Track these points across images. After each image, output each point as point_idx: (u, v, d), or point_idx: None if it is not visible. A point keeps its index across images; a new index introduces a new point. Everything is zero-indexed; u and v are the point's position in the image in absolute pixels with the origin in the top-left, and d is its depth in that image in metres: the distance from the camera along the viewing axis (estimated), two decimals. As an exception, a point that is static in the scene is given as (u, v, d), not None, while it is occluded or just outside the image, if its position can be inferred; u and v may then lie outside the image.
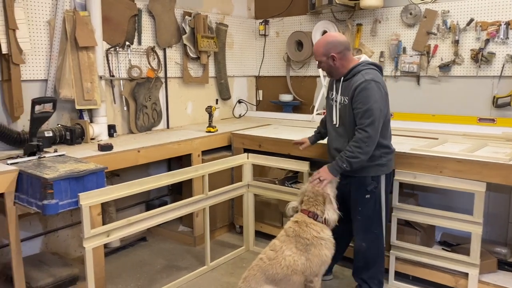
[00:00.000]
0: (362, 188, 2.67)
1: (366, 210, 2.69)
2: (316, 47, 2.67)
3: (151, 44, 3.94)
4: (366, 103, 2.48)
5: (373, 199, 2.68)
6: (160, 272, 3.28)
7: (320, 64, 2.68)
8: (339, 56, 2.59)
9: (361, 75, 2.54)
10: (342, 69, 2.63)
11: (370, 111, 2.48)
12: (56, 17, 3.20)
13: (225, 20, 4.61)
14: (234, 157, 3.53)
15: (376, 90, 2.51)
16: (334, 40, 2.62)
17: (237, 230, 4.03)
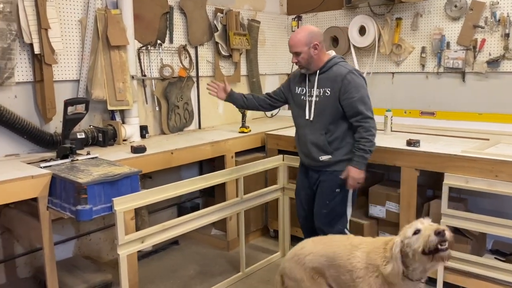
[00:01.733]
0: (334, 182, 2.64)
1: (333, 204, 2.67)
2: (297, 37, 2.56)
3: (183, 42, 3.83)
4: (358, 91, 2.51)
5: (342, 194, 2.67)
6: (194, 278, 3.18)
7: (297, 57, 2.57)
8: (320, 46, 2.57)
9: (342, 66, 2.57)
10: (319, 61, 2.60)
11: (365, 98, 2.53)
12: (87, 16, 3.13)
13: (257, 16, 4.47)
14: (270, 159, 3.38)
15: (362, 81, 2.57)
16: (316, 30, 2.60)
17: (271, 234, 3.90)
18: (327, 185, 2.68)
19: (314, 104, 2.61)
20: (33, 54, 2.86)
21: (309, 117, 2.65)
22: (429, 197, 3.29)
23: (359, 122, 2.52)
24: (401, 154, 2.95)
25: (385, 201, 3.13)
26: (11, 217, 2.75)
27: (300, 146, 2.78)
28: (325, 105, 2.58)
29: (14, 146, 2.88)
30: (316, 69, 2.60)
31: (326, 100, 2.58)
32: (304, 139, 2.71)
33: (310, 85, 2.64)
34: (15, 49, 2.77)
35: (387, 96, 4.17)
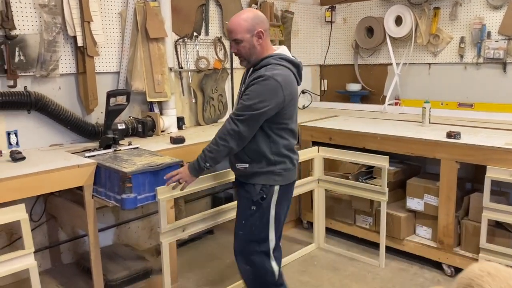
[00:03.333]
0: (249, 197, 2.24)
1: (249, 224, 2.26)
2: (236, 22, 2.10)
3: (218, 34, 3.85)
4: (253, 99, 2.05)
5: (259, 212, 2.23)
6: (230, 267, 3.22)
7: (237, 45, 2.13)
8: (265, 35, 2.14)
9: (266, 69, 2.08)
10: (261, 54, 2.14)
11: (252, 107, 2.04)
12: (127, 8, 3.18)
13: (291, 7, 4.45)
14: (304, 151, 3.38)
15: (271, 90, 2.04)
16: (260, 15, 2.15)
17: (304, 225, 3.91)
18: (242, 200, 2.30)
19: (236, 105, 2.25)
20: (76, 46, 2.93)
21: None
22: (468, 190, 3.23)
23: (227, 121, 2.13)
24: (441, 146, 2.90)
25: (423, 194, 3.09)
26: (56, 205, 2.84)
27: None
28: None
29: (58, 136, 2.97)
30: (256, 62, 2.15)
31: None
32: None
33: (244, 81, 2.25)
34: (60, 42, 2.85)
35: (423, 87, 4.10)
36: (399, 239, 3.20)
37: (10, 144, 2.76)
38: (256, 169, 2.21)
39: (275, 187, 2.23)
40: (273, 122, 2.14)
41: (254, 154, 2.19)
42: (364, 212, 3.39)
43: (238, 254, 2.37)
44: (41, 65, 2.78)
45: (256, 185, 2.22)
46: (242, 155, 2.21)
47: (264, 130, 2.16)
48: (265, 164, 2.20)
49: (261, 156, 2.18)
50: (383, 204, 3.08)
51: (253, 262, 2.30)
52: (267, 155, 2.18)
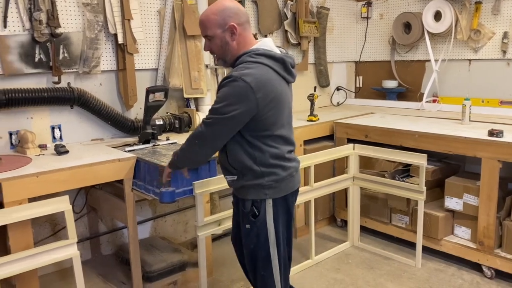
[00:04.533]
0: (243, 213, 2.00)
1: (248, 243, 2.00)
2: (205, 16, 1.86)
3: (253, 31, 3.87)
4: (220, 102, 1.80)
5: (254, 230, 1.96)
6: (264, 263, 3.24)
7: (210, 43, 1.88)
8: (240, 29, 1.84)
9: (236, 68, 1.82)
10: (237, 51, 1.86)
11: (219, 111, 1.80)
12: (165, 6, 3.24)
13: (326, 3, 4.41)
14: (340, 148, 3.36)
15: (239, 93, 1.75)
16: (234, 6, 1.85)
17: (338, 223, 3.88)
18: (240, 217, 2.05)
19: None
20: (117, 43, 3.01)
21: None
22: (510, 190, 3.12)
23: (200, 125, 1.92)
24: (483, 145, 2.81)
25: (463, 194, 3.01)
26: (97, 198, 2.94)
27: None
28: None
29: (99, 131, 3.07)
30: (233, 61, 1.88)
31: None
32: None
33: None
34: (101, 39, 2.93)
35: (463, 84, 3.98)
36: (437, 239, 3.13)
37: (54, 138, 2.87)
38: (243, 182, 1.94)
39: (266, 201, 1.93)
40: (253, 129, 1.86)
41: (239, 165, 1.92)
42: (400, 211, 3.33)
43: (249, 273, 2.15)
44: (84, 62, 2.87)
45: (247, 201, 1.96)
46: (228, 166, 1.97)
47: (245, 139, 1.89)
48: (251, 177, 1.92)
49: (246, 168, 1.91)
50: (421, 203, 3.02)
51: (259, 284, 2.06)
52: (252, 166, 1.90)
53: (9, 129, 2.71)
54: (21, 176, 2.19)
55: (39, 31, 2.66)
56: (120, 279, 2.89)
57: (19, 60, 2.63)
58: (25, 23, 2.64)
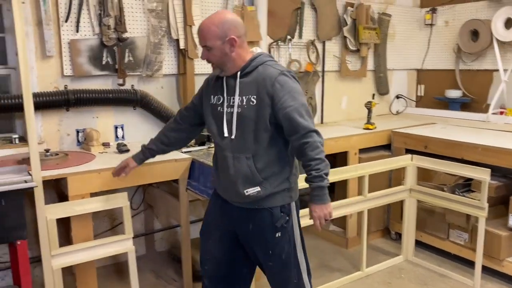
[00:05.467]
0: (269, 224, 1.91)
1: (278, 253, 1.94)
2: (206, 27, 1.83)
3: (311, 37, 3.86)
4: (295, 99, 1.80)
5: (286, 237, 1.94)
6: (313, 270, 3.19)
7: (208, 52, 1.86)
8: (240, 41, 1.85)
9: (270, 66, 1.86)
10: (239, 61, 1.87)
11: (304, 106, 1.82)
12: (226, 13, 3.32)
13: (388, 9, 4.31)
14: (397, 158, 3.26)
15: (297, 84, 1.87)
16: (234, 19, 1.87)
17: (392, 236, 3.76)
18: (262, 230, 1.94)
19: (236, 117, 1.87)
20: (178, 48, 3.12)
21: (229, 134, 1.89)
22: None
23: (301, 139, 1.80)
24: (555, 162, 2.62)
25: (530, 213, 2.82)
26: (154, 196, 3.06)
27: (220, 176, 2.00)
28: (249, 118, 1.85)
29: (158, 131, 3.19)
30: (235, 70, 1.88)
31: (251, 111, 1.85)
32: (224, 165, 1.93)
33: (229, 91, 1.90)
34: (164, 44, 3.06)
35: (535, 96, 3.73)
36: (498, 259, 2.94)
37: (117, 137, 3.03)
38: (271, 190, 1.88)
39: (292, 204, 1.96)
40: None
41: (269, 171, 1.87)
42: (459, 227, 3.17)
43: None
44: (147, 65, 3.01)
45: (274, 208, 1.90)
46: (254, 175, 1.86)
47: (282, 139, 1.88)
48: (279, 182, 1.90)
49: (277, 172, 1.89)
50: (482, 220, 2.85)
51: None
52: (285, 170, 1.91)
53: (76, 127, 2.89)
54: (85, 171, 2.34)
55: (107, 36, 2.82)
56: (172, 276, 2.98)
57: (88, 62, 2.81)
58: (95, 28, 2.81)
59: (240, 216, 1.97)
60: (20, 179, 2.02)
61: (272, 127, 1.85)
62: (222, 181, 1.98)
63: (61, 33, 2.72)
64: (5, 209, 1.93)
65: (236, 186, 1.88)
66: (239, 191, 1.88)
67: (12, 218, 1.96)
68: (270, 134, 1.86)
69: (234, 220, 2.00)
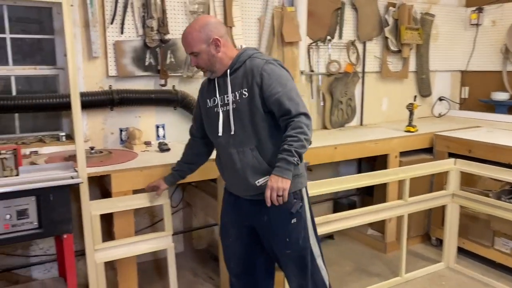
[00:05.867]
0: (284, 211, 1.95)
1: (295, 239, 2.00)
2: (189, 34, 1.92)
3: (352, 37, 3.81)
4: (283, 85, 1.87)
5: (301, 222, 2.01)
6: (350, 275, 3.17)
7: (196, 58, 1.94)
8: (223, 40, 1.93)
9: (257, 58, 1.93)
10: (226, 59, 1.95)
11: (294, 90, 1.90)
12: (266, 14, 3.33)
13: (431, 9, 4.19)
14: (439, 162, 3.16)
15: (285, 71, 1.93)
16: (213, 21, 1.96)
17: (432, 242, 3.65)
18: (277, 219, 1.97)
19: (233, 114, 1.93)
20: (218, 49, 3.16)
21: (227, 131, 1.95)
22: None
23: (287, 120, 1.86)
24: None
25: None
26: (192, 194, 3.11)
27: (226, 173, 2.07)
28: (245, 111, 1.91)
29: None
30: (224, 69, 1.95)
31: (245, 104, 1.90)
32: (230, 162, 1.98)
33: (221, 91, 1.96)
34: (204, 45, 3.10)
35: None
36: (548, 271, 2.81)
37: (158, 136, 3.10)
38: None
39: (303, 190, 2.02)
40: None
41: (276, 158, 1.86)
42: (505, 234, 3.04)
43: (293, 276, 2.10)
44: (188, 66, 3.06)
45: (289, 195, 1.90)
46: (261, 165, 1.92)
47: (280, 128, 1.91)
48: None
49: None
50: (530, 229, 2.73)
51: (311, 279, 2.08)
52: None
53: (120, 126, 2.98)
54: (128, 169, 2.40)
55: (150, 37, 2.89)
56: (209, 274, 3.02)
57: (131, 63, 2.89)
58: (139, 29, 2.89)
59: (254, 210, 2.01)
60: (67, 175, 2.10)
61: (268, 116, 1.91)
62: (230, 179, 2.06)
63: (106, 34, 2.82)
64: (53, 204, 2.02)
65: (246, 179, 1.93)
66: (250, 184, 1.93)
67: (59, 213, 2.04)
68: (268, 122, 1.91)
69: (248, 214, 2.05)
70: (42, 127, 2.94)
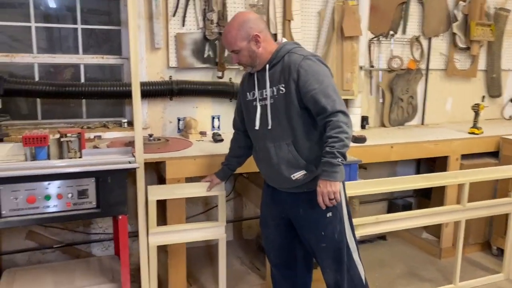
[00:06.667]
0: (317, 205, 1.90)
1: (330, 233, 2.01)
2: (229, 33, 1.94)
3: (416, 33, 3.66)
4: (319, 81, 1.85)
5: (337, 216, 2.01)
6: (400, 278, 3.08)
7: (237, 56, 1.97)
8: (263, 36, 1.93)
9: (295, 53, 1.91)
10: (266, 54, 1.96)
11: (329, 88, 1.85)
12: (326, 7, 3.28)
13: (507, 4, 3.92)
14: (505, 167, 2.97)
15: (323, 67, 1.92)
16: (252, 17, 1.96)
17: (493, 251, 3.44)
18: (312, 211, 1.99)
19: (271, 109, 1.96)
20: (276, 43, 3.17)
21: (263, 125, 1.99)
22: None
23: (325, 119, 1.84)
24: None
25: None
26: (244, 185, 3.16)
27: (263, 166, 2.11)
28: (282, 106, 1.94)
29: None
30: (264, 64, 1.97)
31: (282, 100, 1.93)
32: (266, 155, 2.01)
33: (260, 85, 2.00)
34: (262, 39, 3.12)
35: None
36: None
37: (213, 127, 3.18)
38: (318, 171, 1.92)
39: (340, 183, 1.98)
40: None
41: (314, 152, 1.93)
42: None
43: (327, 268, 2.09)
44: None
45: None
46: (296, 159, 1.95)
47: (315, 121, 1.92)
48: None
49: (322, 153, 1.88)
50: None
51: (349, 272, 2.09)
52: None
53: (178, 115, 3.09)
54: (182, 157, 2.49)
55: (210, 30, 2.96)
56: (256, 264, 3.06)
57: (191, 55, 2.98)
58: (199, 22, 2.97)
59: (290, 201, 2.06)
60: (125, 159, 2.22)
61: (305, 112, 1.91)
62: (266, 171, 2.09)
63: (168, 27, 2.92)
64: (110, 186, 2.14)
65: (282, 173, 1.97)
66: (285, 177, 1.97)
67: (116, 195, 2.16)
68: (305, 119, 1.92)
69: (285, 206, 2.10)
70: (107, 113, 3.12)
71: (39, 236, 2.88)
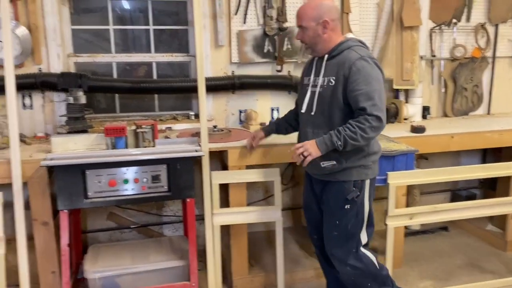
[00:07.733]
0: (341, 196, 2.11)
1: (344, 224, 2.14)
2: (304, 9, 2.06)
3: (482, 20, 3.56)
4: (368, 83, 1.93)
5: (354, 210, 2.13)
6: (460, 268, 3.06)
7: (302, 32, 2.08)
8: (332, 24, 2.03)
9: (354, 51, 2.00)
10: (330, 43, 2.06)
11: (374, 92, 1.93)
12: (385, -2, 3.31)
13: None
14: None
15: (377, 71, 1.99)
16: (330, 4, 2.05)
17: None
18: (333, 200, 2.16)
19: (318, 96, 2.08)
20: (334, 36, 3.25)
21: (308, 110, 2.13)
22: None
23: (359, 115, 1.95)
24: None
25: None
26: (301, 174, 3.27)
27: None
28: (327, 97, 2.05)
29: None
30: (325, 52, 2.08)
31: (329, 91, 2.04)
32: (304, 140, 2.10)
33: (316, 72, 2.13)
34: (321, 32, 3.22)
35: None
36: None
37: (273, 118, 3.33)
38: (346, 165, 2.07)
39: (366, 181, 2.13)
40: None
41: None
42: None
43: (337, 257, 2.21)
44: (303, 53, 3.21)
45: (347, 182, 2.11)
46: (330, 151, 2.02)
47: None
48: (356, 158, 2.08)
49: (356, 148, 2.02)
50: None
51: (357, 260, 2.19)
52: (364, 146, 2.06)
53: (239, 107, 3.29)
54: (243, 147, 2.67)
55: (269, 26, 3.12)
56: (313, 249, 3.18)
57: (252, 50, 3.15)
58: (260, 19, 3.13)
59: (320, 188, 2.24)
60: (192, 148, 2.45)
61: (347, 108, 2.02)
62: None
63: (231, 24, 3.12)
64: (180, 172, 2.38)
65: (314, 159, 2.04)
66: (316, 163, 2.09)
67: (184, 180, 2.40)
68: (345, 113, 2.02)
69: (317, 191, 2.27)
70: (176, 107, 3.39)
71: (118, 217, 3.22)
